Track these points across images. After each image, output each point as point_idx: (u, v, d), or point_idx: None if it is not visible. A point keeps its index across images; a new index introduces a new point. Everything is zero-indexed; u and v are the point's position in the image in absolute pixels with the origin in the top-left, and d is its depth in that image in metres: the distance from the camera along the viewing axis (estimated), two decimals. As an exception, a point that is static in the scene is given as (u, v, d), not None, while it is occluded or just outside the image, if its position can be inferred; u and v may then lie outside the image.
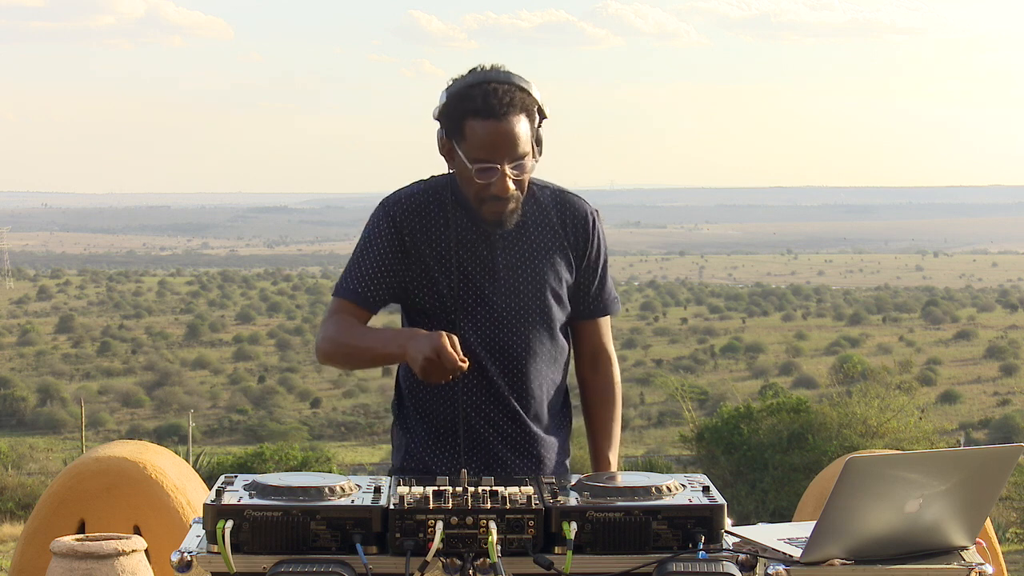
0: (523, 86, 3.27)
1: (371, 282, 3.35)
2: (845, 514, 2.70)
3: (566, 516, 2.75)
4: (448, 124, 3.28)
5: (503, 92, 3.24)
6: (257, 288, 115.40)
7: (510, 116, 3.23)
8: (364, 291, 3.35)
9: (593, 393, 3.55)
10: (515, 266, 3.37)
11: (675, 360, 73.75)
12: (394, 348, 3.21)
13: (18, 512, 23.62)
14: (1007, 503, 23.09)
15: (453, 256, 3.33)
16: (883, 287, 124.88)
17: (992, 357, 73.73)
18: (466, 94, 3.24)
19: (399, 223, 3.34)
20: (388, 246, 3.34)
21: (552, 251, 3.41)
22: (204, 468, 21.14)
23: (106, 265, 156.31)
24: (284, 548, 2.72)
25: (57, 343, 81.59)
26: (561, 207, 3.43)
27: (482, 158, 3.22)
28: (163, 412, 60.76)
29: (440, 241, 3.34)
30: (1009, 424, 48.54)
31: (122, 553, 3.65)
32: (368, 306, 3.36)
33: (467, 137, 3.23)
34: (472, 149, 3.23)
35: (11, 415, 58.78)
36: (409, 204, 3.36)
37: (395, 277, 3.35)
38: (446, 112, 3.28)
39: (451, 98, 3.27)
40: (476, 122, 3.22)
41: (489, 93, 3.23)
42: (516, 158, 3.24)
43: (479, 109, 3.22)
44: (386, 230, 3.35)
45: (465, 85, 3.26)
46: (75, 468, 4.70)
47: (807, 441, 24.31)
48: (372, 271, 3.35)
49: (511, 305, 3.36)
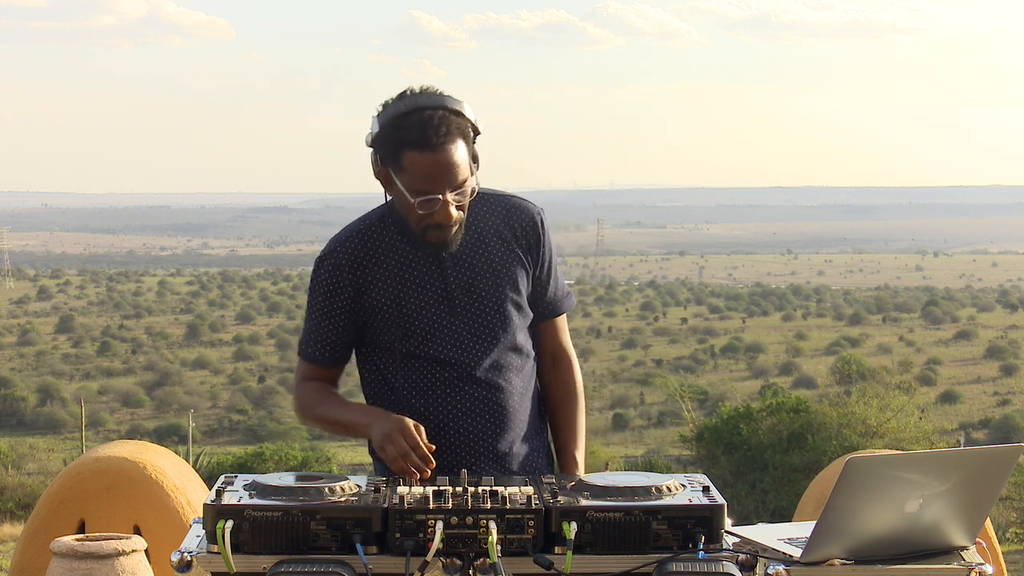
0: (456, 108, 3.20)
1: (329, 342, 3.38)
2: (845, 514, 2.70)
3: (566, 516, 2.75)
4: (384, 152, 3.21)
5: (438, 120, 3.16)
6: (257, 288, 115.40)
7: (447, 145, 3.16)
8: (324, 353, 3.39)
9: (555, 393, 3.52)
10: (470, 286, 3.34)
11: (675, 360, 73.76)
12: (361, 423, 3.28)
13: (18, 512, 23.63)
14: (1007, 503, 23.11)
15: (403, 287, 3.31)
16: (883, 287, 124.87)
17: (992, 357, 73.75)
18: (400, 124, 3.17)
19: (341, 272, 3.32)
20: (336, 301, 3.34)
21: (506, 261, 3.38)
22: (204, 468, 21.16)
23: (106, 265, 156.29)
24: (284, 548, 2.73)
25: (57, 343, 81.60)
26: (508, 214, 3.40)
27: (423, 190, 3.17)
28: (163, 412, 60.77)
29: (387, 276, 3.31)
30: (1009, 424, 48.57)
31: (122, 553, 3.65)
32: (334, 365, 3.42)
33: (406, 169, 3.17)
34: (412, 181, 3.18)
35: (11, 415, 58.80)
36: (346, 250, 3.33)
37: (351, 328, 3.36)
38: (381, 141, 3.21)
39: (384, 127, 3.20)
40: (414, 154, 3.16)
41: (424, 123, 3.16)
42: (457, 186, 3.19)
43: (415, 140, 3.15)
44: (329, 284, 3.34)
45: (398, 114, 3.19)
46: (75, 468, 4.70)
47: (807, 441, 24.32)
48: (328, 330, 3.37)
49: (471, 326, 3.34)
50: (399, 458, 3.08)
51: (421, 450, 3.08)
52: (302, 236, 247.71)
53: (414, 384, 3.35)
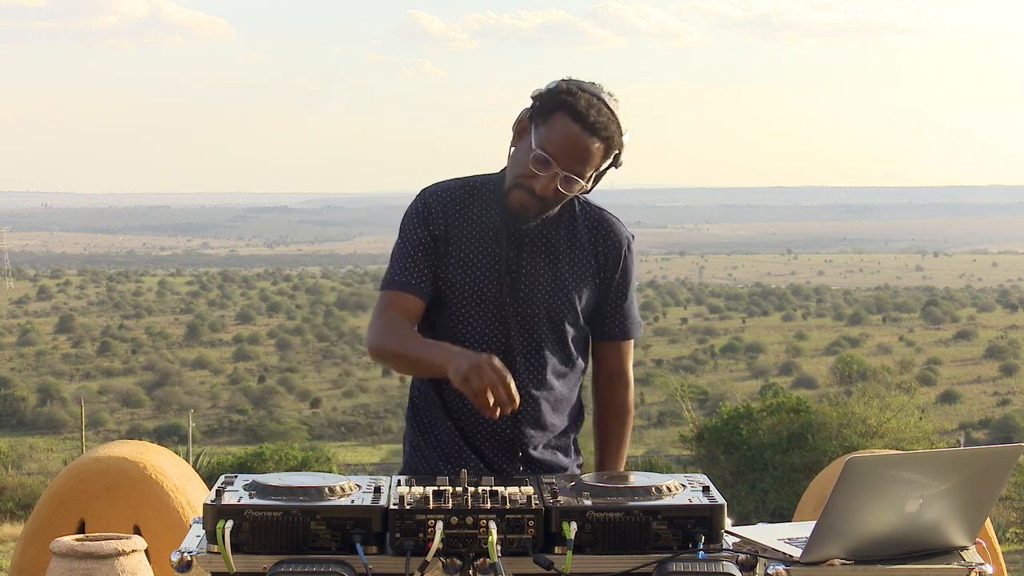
0: (621, 124, 3.28)
1: (415, 269, 3.34)
2: (845, 514, 2.70)
3: (566, 516, 2.75)
4: (540, 106, 3.28)
5: (604, 113, 3.25)
6: (257, 288, 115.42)
7: (596, 135, 3.24)
8: (410, 279, 3.34)
9: (606, 413, 3.55)
10: (536, 273, 3.36)
11: (675, 360, 73.79)
12: (439, 357, 3.15)
13: (18, 512, 23.61)
14: (1007, 503, 23.09)
15: (479, 248, 3.35)
16: (883, 287, 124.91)
17: (992, 357, 73.78)
18: (574, 92, 3.26)
19: (431, 211, 3.35)
20: (421, 233, 3.35)
21: (577, 269, 3.39)
22: (204, 468, 21.15)
23: (106, 265, 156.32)
24: (284, 548, 2.72)
25: (57, 343, 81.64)
26: (596, 228, 3.42)
27: (548, 151, 3.23)
28: (163, 412, 60.79)
29: (468, 234, 3.35)
30: (1009, 424, 48.58)
31: (122, 553, 3.65)
32: (417, 293, 3.33)
33: (549, 126, 3.24)
34: (545, 139, 3.23)
35: (11, 415, 58.82)
36: (444, 195, 3.38)
37: (432, 263, 3.35)
38: (546, 95, 3.28)
39: (557, 88, 3.28)
40: (565, 119, 3.23)
41: (593, 104, 3.24)
42: (574, 170, 3.24)
43: (576, 109, 3.23)
44: (418, 219, 3.36)
45: (578, 86, 3.28)
46: (75, 468, 4.70)
47: (807, 441, 24.31)
48: (413, 259, 3.35)
49: (522, 310, 3.35)
50: (486, 389, 2.95)
51: (509, 386, 2.98)
52: (302, 236, 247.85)
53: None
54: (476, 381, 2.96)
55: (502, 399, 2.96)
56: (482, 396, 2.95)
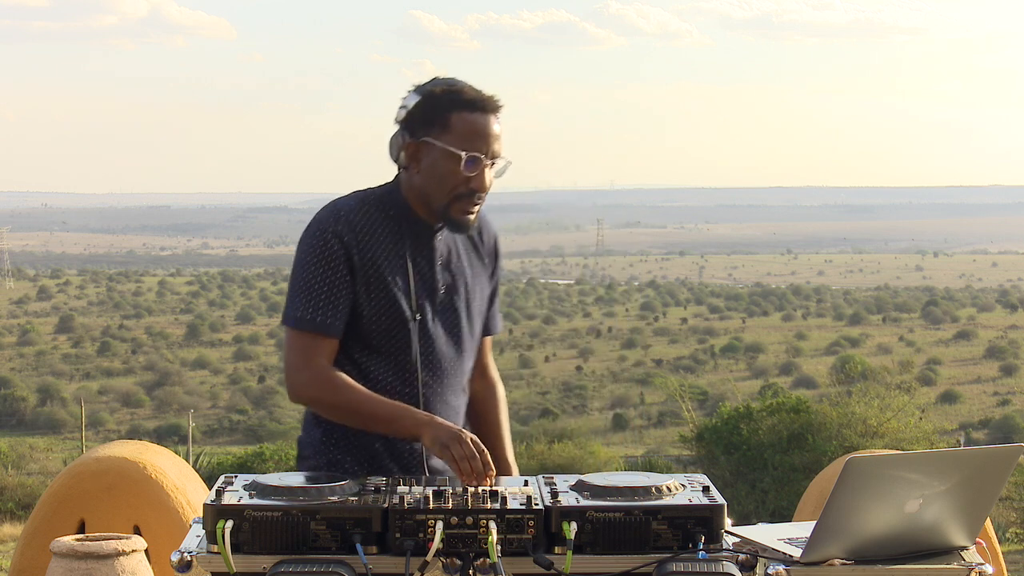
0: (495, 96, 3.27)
1: (332, 308, 3.19)
2: (845, 514, 2.70)
3: (566, 516, 2.75)
4: (426, 118, 3.21)
5: (484, 92, 3.25)
6: (257, 288, 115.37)
7: (493, 112, 3.24)
8: (333, 321, 3.20)
9: (487, 402, 3.54)
10: (454, 288, 3.33)
11: (675, 360, 73.77)
12: (407, 423, 3.12)
13: (18, 512, 23.60)
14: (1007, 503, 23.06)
15: (409, 270, 3.25)
16: (883, 287, 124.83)
17: (992, 357, 73.72)
18: (451, 89, 3.23)
19: (345, 239, 3.20)
20: (338, 265, 3.19)
21: (478, 270, 3.40)
22: (204, 468, 21.15)
23: (106, 265, 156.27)
24: (284, 548, 2.72)
25: (57, 343, 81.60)
26: (479, 225, 3.39)
27: (471, 148, 3.19)
28: (163, 412, 60.76)
29: (382, 259, 3.23)
30: (1009, 424, 48.57)
31: (122, 553, 3.65)
32: (337, 334, 3.20)
33: (453, 128, 3.19)
34: (459, 139, 3.18)
35: (11, 415, 58.79)
36: (352, 218, 3.23)
37: (349, 298, 3.21)
38: (424, 108, 3.22)
39: (431, 95, 3.22)
40: (465, 114, 3.20)
41: (472, 89, 3.24)
42: (497, 153, 3.24)
43: (469, 102, 3.21)
44: (333, 248, 3.20)
45: (446, 83, 3.24)
46: (75, 468, 4.70)
47: (807, 441, 24.29)
48: (329, 295, 3.20)
49: (449, 328, 3.33)
50: (467, 459, 2.98)
51: (486, 457, 3.01)
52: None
53: (394, 375, 3.27)
54: (457, 449, 3.00)
55: (479, 469, 2.98)
56: (464, 463, 2.99)
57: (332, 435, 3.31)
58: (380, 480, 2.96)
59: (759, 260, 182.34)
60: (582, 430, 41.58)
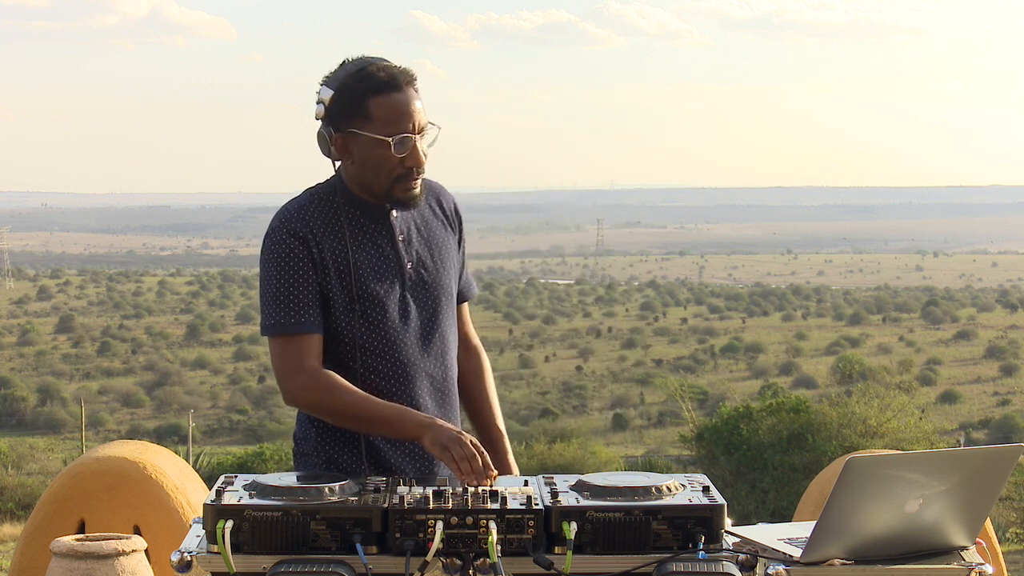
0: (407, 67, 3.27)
1: (305, 306, 3.20)
2: (845, 514, 2.70)
3: (566, 516, 2.75)
4: (345, 110, 3.21)
5: (396, 67, 3.24)
6: (257, 288, 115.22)
7: (409, 85, 3.23)
8: (301, 318, 3.20)
9: (473, 373, 3.53)
10: (421, 262, 3.33)
11: (675, 360, 73.80)
12: (407, 426, 3.13)
13: (18, 512, 23.63)
14: (1007, 503, 23.09)
15: (357, 259, 3.25)
16: (883, 287, 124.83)
17: (992, 357, 73.74)
18: (361, 76, 3.21)
19: (301, 235, 3.23)
20: (300, 262, 3.21)
21: (446, 240, 3.41)
22: (204, 468, 21.16)
23: (106, 265, 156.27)
24: (284, 548, 2.73)
25: (57, 343, 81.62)
26: (435, 194, 3.42)
27: (396, 130, 3.19)
28: (163, 412, 60.79)
29: (342, 247, 3.24)
30: (1009, 424, 48.59)
31: (122, 553, 3.65)
32: (316, 330, 3.21)
33: (373, 115, 3.19)
34: (383, 125, 3.18)
35: (11, 415, 58.81)
36: (303, 213, 3.25)
37: (319, 292, 3.23)
38: (340, 101, 3.22)
39: (343, 87, 3.21)
40: (381, 98, 3.19)
41: (386, 68, 3.22)
42: (423, 128, 3.23)
43: (382, 84, 3.19)
44: (291, 247, 3.22)
45: (356, 69, 3.22)
46: (75, 468, 4.70)
47: (807, 441, 24.33)
48: (299, 294, 3.21)
49: (424, 302, 3.33)
50: (467, 459, 3.00)
51: (486, 457, 3.02)
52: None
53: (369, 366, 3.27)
54: (457, 451, 3.01)
55: (479, 469, 2.99)
56: (463, 463, 2.99)
57: (327, 430, 3.31)
58: (380, 480, 2.96)
59: (759, 260, 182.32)
60: (582, 430, 41.60)
